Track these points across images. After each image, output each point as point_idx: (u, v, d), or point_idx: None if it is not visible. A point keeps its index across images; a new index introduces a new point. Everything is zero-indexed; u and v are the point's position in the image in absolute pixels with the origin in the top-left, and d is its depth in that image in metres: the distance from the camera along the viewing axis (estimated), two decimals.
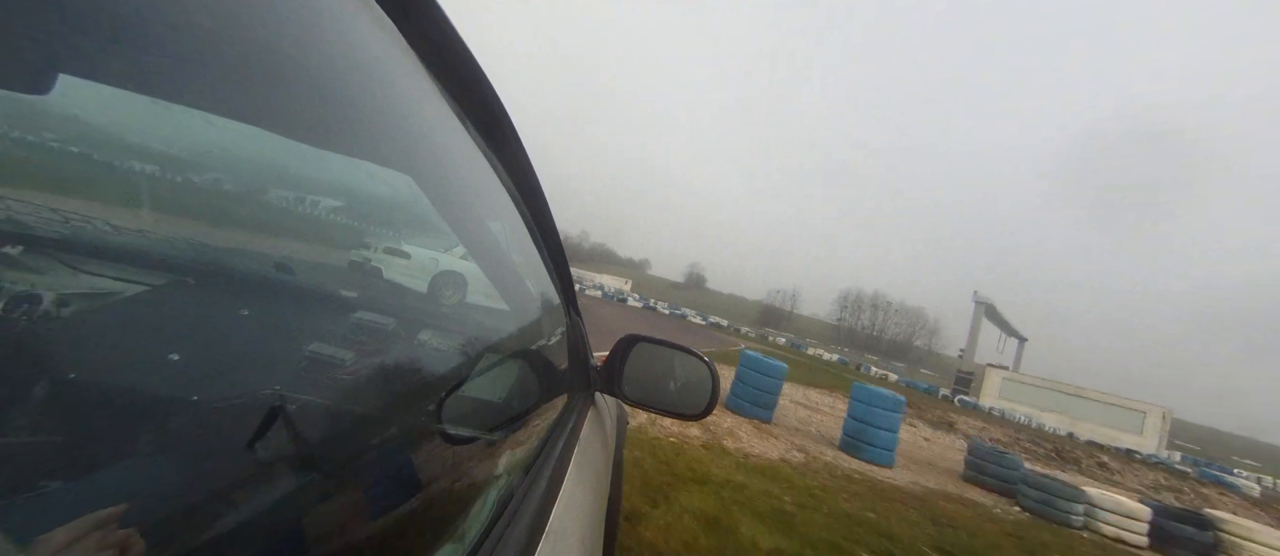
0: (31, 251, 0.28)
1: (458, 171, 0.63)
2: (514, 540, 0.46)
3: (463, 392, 0.59)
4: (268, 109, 0.35)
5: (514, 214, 0.78)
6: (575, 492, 0.68)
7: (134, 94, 0.27)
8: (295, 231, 0.44)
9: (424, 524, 0.46)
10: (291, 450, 0.36)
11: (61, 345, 0.28)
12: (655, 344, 1.12)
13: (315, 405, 0.41)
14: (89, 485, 0.24)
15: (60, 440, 0.23)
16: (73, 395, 0.25)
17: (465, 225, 0.68)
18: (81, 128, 0.26)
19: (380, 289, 0.64)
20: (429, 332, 0.64)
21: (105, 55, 0.24)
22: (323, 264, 0.51)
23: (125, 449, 0.26)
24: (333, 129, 0.43)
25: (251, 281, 0.40)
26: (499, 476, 0.58)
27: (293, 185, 0.42)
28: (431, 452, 0.53)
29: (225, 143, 0.32)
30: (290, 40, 0.34)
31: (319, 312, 0.52)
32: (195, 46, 0.27)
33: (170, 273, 0.36)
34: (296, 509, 0.33)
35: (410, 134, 0.51)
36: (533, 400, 0.79)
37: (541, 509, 0.55)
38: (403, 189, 0.53)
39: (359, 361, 0.48)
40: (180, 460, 0.28)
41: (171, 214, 0.34)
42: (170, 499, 0.26)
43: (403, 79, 0.47)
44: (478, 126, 0.61)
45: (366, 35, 0.41)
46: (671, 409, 1.06)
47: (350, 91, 0.42)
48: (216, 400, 0.32)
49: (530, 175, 0.74)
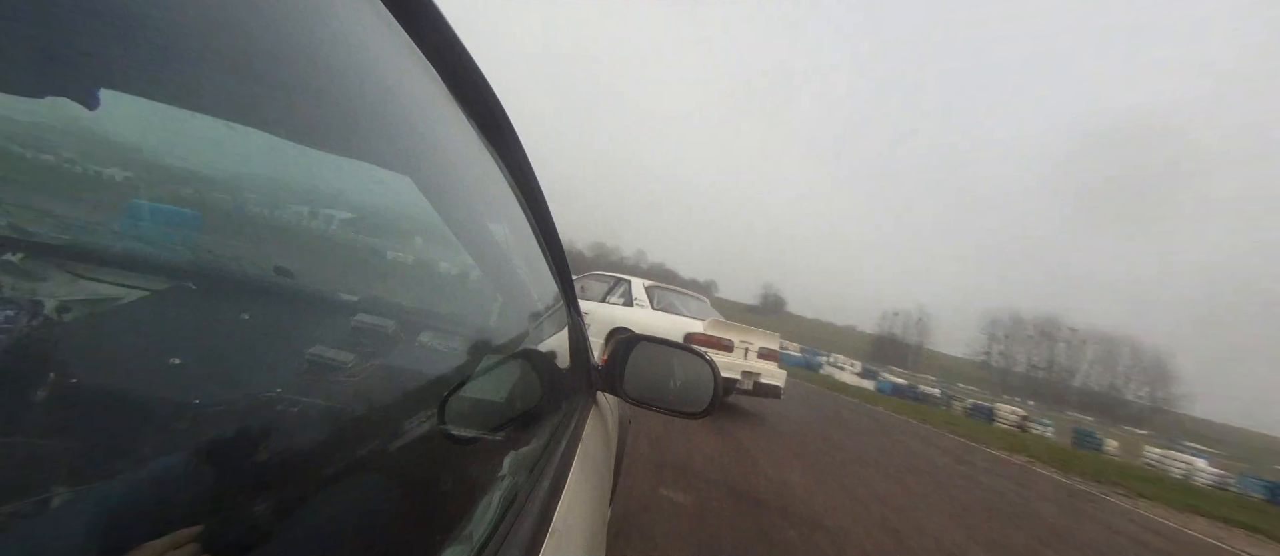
0: (32, 256, 0.27)
1: (458, 172, 0.63)
2: (519, 539, 0.46)
3: (465, 393, 0.59)
4: (268, 111, 0.35)
5: (514, 214, 0.78)
6: (579, 491, 0.68)
7: (134, 96, 0.27)
8: (296, 233, 0.44)
9: (430, 524, 0.46)
10: (295, 453, 0.36)
11: (62, 349, 0.28)
12: (656, 343, 1.12)
13: (318, 407, 0.41)
14: (92, 488, 0.24)
15: (63, 444, 0.23)
16: (74, 399, 0.25)
17: (465, 226, 0.68)
18: (81, 129, 0.26)
19: (381, 290, 0.64)
20: (430, 334, 0.64)
21: (104, 57, 0.24)
22: (324, 266, 0.51)
23: (128, 452, 0.26)
24: (333, 131, 0.43)
25: (253, 284, 0.40)
26: (503, 476, 0.58)
27: (293, 187, 0.42)
28: (435, 453, 0.53)
29: (225, 145, 0.32)
30: (290, 42, 0.34)
31: (321, 315, 0.52)
32: (195, 48, 0.27)
33: (171, 276, 0.35)
34: (302, 512, 0.33)
35: (410, 135, 0.51)
36: (535, 400, 0.79)
37: (546, 508, 0.55)
38: (403, 190, 0.52)
39: (361, 363, 0.48)
40: (184, 463, 0.28)
41: (172, 217, 0.34)
42: (174, 502, 0.26)
43: (402, 80, 0.47)
44: (478, 127, 0.61)
45: (366, 37, 0.41)
46: (673, 408, 1.07)
47: (350, 93, 0.42)
48: (219, 404, 0.32)
49: (530, 175, 0.74)
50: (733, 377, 5.44)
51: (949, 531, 3.79)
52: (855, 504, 3.91)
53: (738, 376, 5.52)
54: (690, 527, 2.63)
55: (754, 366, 5.79)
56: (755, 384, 5.77)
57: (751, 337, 5.84)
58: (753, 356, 5.83)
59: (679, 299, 6.34)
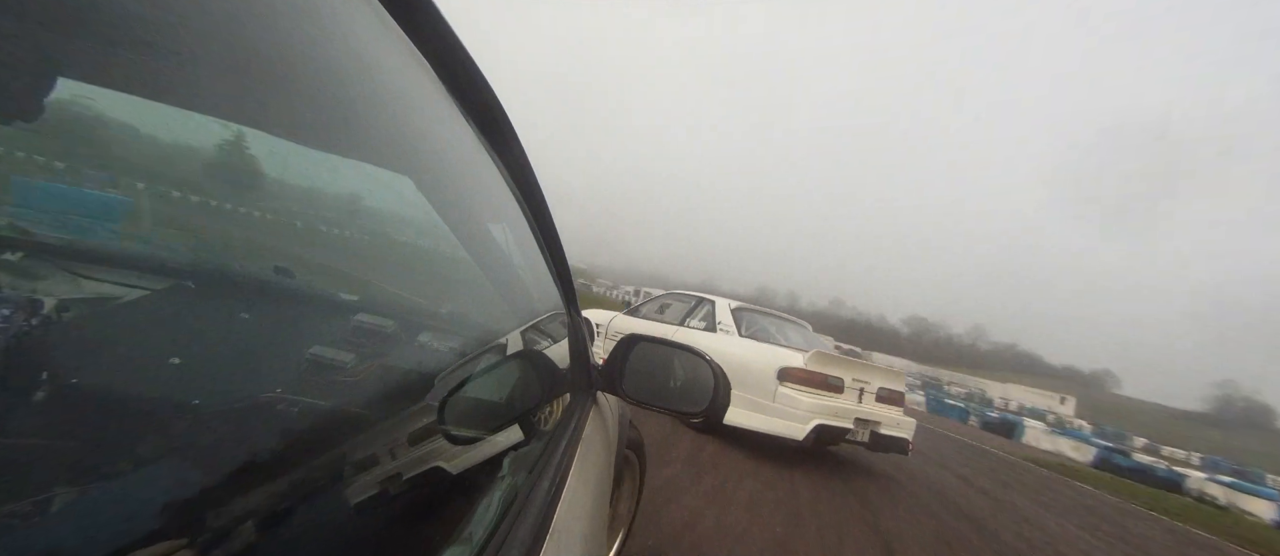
0: (32, 256, 0.27)
1: (458, 172, 0.63)
2: (519, 540, 0.46)
3: (465, 393, 0.59)
4: (269, 112, 0.35)
5: (514, 214, 0.78)
6: (579, 492, 0.68)
7: (135, 97, 0.27)
8: (296, 234, 0.44)
9: (430, 524, 0.46)
10: (295, 453, 0.36)
11: (62, 350, 0.28)
12: (656, 343, 1.12)
13: (318, 408, 0.41)
14: (92, 488, 0.24)
15: (62, 444, 0.23)
16: (74, 399, 0.25)
17: (466, 226, 0.68)
18: (81, 129, 0.26)
19: (381, 291, 0.64)
20: (430, 334, 0.64)
21: (104, 57, 0.24)
22: (324, 266, 0.51)
23: (129, 452, 0.26)
24: (334, 131, 0.43)
25: (253, 284, 0.40)
26: (503, 477, 0.58)
27: (294, 187, 0.42)
28: (436, 454, 0.53)
29: (226, 145, 0.32)
30: (290, 42, 0.34)
31: (321, 315, 0.52)
32: (195, 49, 0.27)
33: (171, 276, 0.35)
34: (302, 512, 0.33)
35: (410, 136, 0.51)
36: (535, 400, 0.79)
37: (546, 508, 0.55)
38: (403, 190, 0.53)
39: (361, 363, 0.48)
40: (184, 463, 0.28)
41: (172, 217, 0.34)
42: (175, 502, 0.26)
43: (402, 80, 0.47)
44: (478, 127, 0.61)
45: (366, 37, 0.41)
46: (673, 408, 1.07)
47: (350, 93, 0.42)
48: (219, 404, 0.32)
49: (530, 175, 0.74)
50: (843, 426, 4.20)
51: None
52: None
53: (850, 425, 4.24)
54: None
55: (872, 412, 4.47)
56: (872, 435, 4.42)
57: (869, 376, 4.58)
58: (869, 399, 4.54)
59: (773, 324, 5.23)
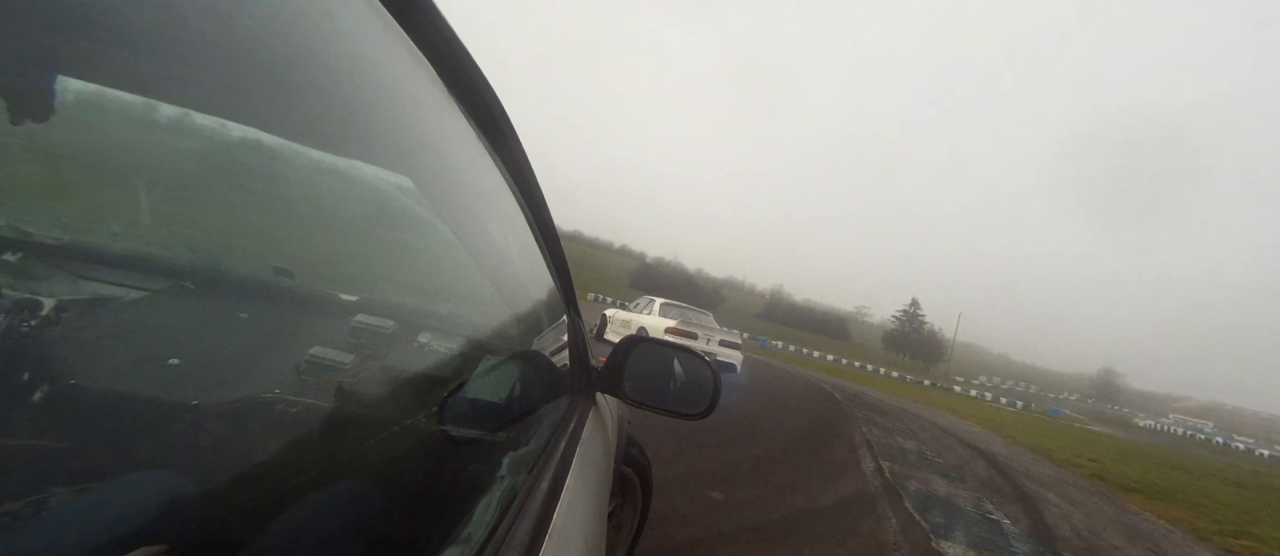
0: (31, 256, 0.27)
1: (458, 172, 0.63)
2: (518, 540, 0.46)
3: (465, 394, 0.59)
4: (269, 111, 0.35)
5: (514, 214, 0.78)
6: (578, 492, 0.68)
7: (135, 96, 0.27)
8: (296, 234, 0.44)
9: (430, 525, 0.46)
10: (295, 453, 0.36)
11: (62, 350, 0.28)
12: (656, 344, 1.12)
13: (318, 408, 0.41)
14: (92, 488, 0.24)
15: (62, 444, 0.23)
16: (74, 399, 0.25)
17: (465, 226, 0.68)
18: (81, 129, 0.26)
19: (381, 291, 0.64)
20: (430, 334, 0.64)
21: (104, 57, 0.24)
22: (324, 266, 0.51)
23: (128, 452, 0.26)
24: (334, 131, 0.43)
25: (252, 284, 0.40)
26: (502, 477, 0.58)
27: (294, 187, 0.42)
28: (435, 454, 0.53)
29: (227, 145, 0.32)
30: (290, 43, 0.34)
31: (320, 315, 0.52)
32: (196, 49, 0.27)
33: (170, 276, 0.35)
34: (302, 512, 0.33)
35: (410, 135, 0.51)
36: (534, 400, 0.79)
37: (545, 509, 0.55)
38: (403, 190, 0.52)
39: (361, 363, 0.48)
40: (185, 463, 0.28)
41: (172, 217, 0.34)
42: (175, 502, 0.26)
43: (402, 80, 0.47)
44: (478, 127, 0.61)
45: (366, 37, 0.41)
46: (673, 409, 1.07)
47: (350, 93, 0.42)
48: (218, 404, 0.32)
49: (530, 175, 0.74)
50: None
51: None
52: None
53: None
54: None
55: (714, 350, 8.65)
56: (714, 361, 8.75)
57: (712, 333, 8.88)
58: (713, 343, 8.75)
59: (682, 310, 9.36)
